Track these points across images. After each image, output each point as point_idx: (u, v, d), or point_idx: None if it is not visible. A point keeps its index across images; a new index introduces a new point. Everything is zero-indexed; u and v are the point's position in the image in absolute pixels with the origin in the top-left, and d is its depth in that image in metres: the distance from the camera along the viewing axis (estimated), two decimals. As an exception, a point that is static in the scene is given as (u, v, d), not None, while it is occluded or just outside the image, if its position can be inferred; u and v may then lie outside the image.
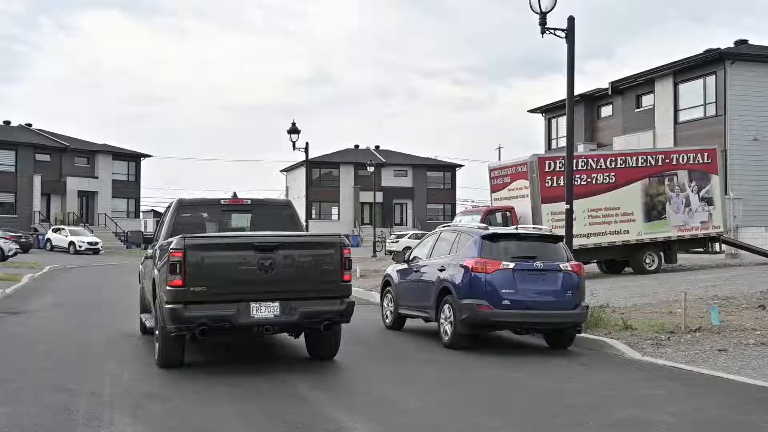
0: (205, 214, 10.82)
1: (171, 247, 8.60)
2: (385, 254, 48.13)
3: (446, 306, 11.02)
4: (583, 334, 11.42)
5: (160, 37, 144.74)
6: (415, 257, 12.88)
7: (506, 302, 10.42)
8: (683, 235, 23.68)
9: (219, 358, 10.04)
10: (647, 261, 23.26)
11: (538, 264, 10.67)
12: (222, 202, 10.82)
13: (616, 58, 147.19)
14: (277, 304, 8.73)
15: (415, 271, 12.43)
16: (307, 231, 14.93)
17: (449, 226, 13.18)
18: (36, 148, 57.38)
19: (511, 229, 11.28)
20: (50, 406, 7.14)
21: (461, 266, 10.84)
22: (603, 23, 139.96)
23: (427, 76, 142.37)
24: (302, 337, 10.08)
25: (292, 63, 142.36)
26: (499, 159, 76.49)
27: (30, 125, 63.22)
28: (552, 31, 13.76)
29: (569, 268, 10.81)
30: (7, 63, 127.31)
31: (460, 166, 75.69)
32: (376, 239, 50.51)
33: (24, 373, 8.77)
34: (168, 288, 8.50)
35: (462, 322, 10.61)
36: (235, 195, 10.96)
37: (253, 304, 8.67)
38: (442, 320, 11.16)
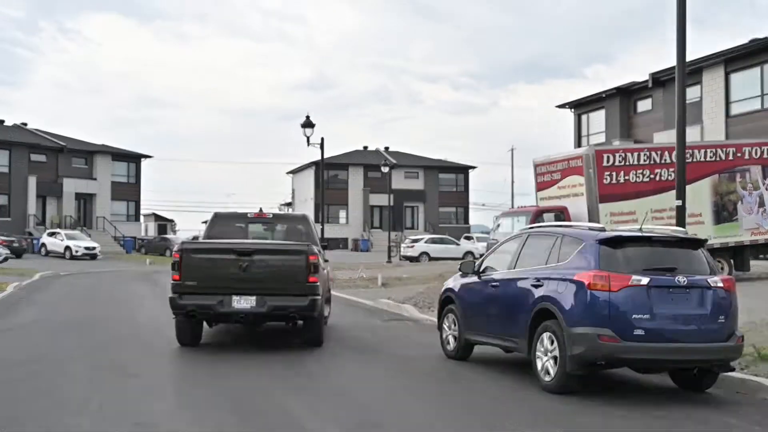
0: (238, 225, 13.28)
1: (174, 249, 10.89)
2: (400, 259, 45.16)
3: (546, 335, 8.13)
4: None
5: (160, 41, 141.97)
6: (487, 268, 10.01)
7: (639, 332, 7.51)
8: (757, 240, 20.71)
9: (244, 396, 7.18)
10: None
11: (681, 279, 7.77)
12: (249, 215, 13.37)
13: (617, 61, 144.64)
14: (254, 297, 10.51)
15: (493, 287, 9.50)
16: (322, 236, 18.94)
17: (541, 226, 10.22)
18: (31, 148, 54.32)
19: (635, 231, 8.32)
20: None
21: (571, 281, 7.92)
22: (602, 27, 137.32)
23: (427, 80, 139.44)
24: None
25: (292, 68, 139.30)
26: (512, 161, 73.97)
27: (25, 124, 60.29)
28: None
29: (720, 285, 7.90)
30: (7, 67, 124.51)
31: (473, 167, 72.70)
32: (391, 243, 47.64)
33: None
34: (171, 282, 10.69)
35: (574, 358, 7.71)
36: (260, 210, 13.47)
37: (234, 297, 10.50)
38: (539, 354, 8.25)
